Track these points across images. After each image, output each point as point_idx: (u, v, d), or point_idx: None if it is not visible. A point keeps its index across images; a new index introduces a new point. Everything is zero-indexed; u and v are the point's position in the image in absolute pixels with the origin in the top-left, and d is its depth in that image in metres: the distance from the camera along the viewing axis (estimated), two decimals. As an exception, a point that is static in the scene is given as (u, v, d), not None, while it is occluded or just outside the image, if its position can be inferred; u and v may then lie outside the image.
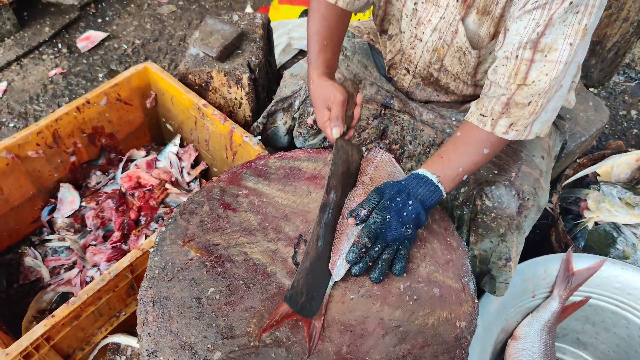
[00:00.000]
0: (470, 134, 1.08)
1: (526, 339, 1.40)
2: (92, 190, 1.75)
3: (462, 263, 1.09)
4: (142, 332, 0.97)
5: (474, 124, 1.07)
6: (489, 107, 1.05)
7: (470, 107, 1.11)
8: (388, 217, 0.98)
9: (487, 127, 1.05)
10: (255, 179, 1.19)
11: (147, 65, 1.67)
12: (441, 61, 1.21)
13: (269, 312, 0.97)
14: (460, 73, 1.21)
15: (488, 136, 1.06)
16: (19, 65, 2.38)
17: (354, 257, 0.97)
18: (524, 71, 0.99)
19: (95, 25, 2.61)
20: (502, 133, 1.05)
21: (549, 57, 0.97)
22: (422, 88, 1.34)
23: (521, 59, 0.98)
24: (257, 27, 1.79)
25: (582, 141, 1.82)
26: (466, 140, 1.08)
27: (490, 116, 1.05)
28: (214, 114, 1.56)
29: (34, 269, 1.61)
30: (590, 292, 1.44)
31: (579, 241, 1.63)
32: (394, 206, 0.99)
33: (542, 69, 0.98)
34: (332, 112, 1.13)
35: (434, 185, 1.02)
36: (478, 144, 1.07)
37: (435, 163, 1.06)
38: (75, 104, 1.56)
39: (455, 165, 1.05)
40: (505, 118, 1.04)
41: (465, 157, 1.06)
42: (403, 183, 1.02)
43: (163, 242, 1.06)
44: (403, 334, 0.97)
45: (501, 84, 1.02)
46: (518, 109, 1.02)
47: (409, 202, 1.00)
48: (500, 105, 1.03)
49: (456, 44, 1.16)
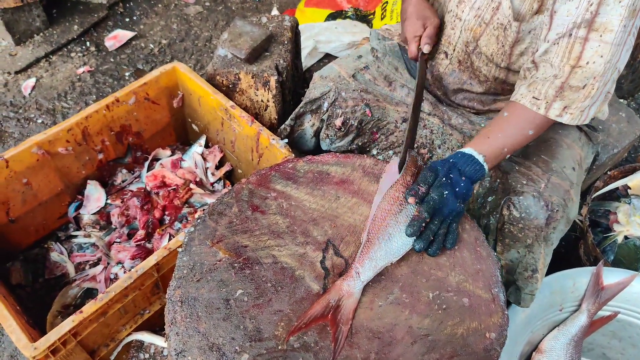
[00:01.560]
0: (519, 115, 1.09)
1: (552, 352, 1.37)
2: (117, 188, 1.77)
3: (492, 273, 1.07)
4: (171, 331, 0.97)
5: (525, 106, 1.08)
6: (542, 90, 1.05)
7: (519, 88, 1.11)
8: (445, 193, 0.99)
9: (540, 110, 1.06)
10: (283, 182, 1.19)
11: (176, 65, 1.69)
12: (476, 42, 1.21)
13: (297, 315, 0.97)
14: (495, 54, 1.20)
15: (535, 118, 1.08)
16: (47, 62, 2.43)
17: (414, 231, 0.98)
18: (578, 50, 0.99)
19: (123, 24, 2.65)
20: (556, 116, 1.06)
21: (604, 37, 0.97)
22: (457, 75, 1.33)
23: (575, 38, 0.98)
24: (286, 29, 1.79)
25: (614, 153, 1.78)
26: (513, 122, 1.09)
27: (544, 99, 1.05)
28: (241, 116, 1.56)
29: (60, 264, 1.63)
30: (619, 307, 1.40)
31: (608, 255, 1.60)
32: (449, 182, 1.00)
33: (597, 49, 0.97)
34: (427, 30, 1.24)
35: (479, 164, 1.04)
36: (524, 125, 1.09)
37: (481, 142, 1.07)
38: (105, 102, 1.58)
39: (500, 146, 1.07)
40: (559, 101, 1.04)
41: (510, 138, 1.08)
42: (451, 161, 1.04)
43: (192, 242, 1.07)
44: (432, 343, 0.96)
45: (554, 64, 1.02)
46: (572, 92, 1.02)
47: (462, 178, 1.02)
48: (554, 88, 1.04)
49: (496, 20, 1.15)
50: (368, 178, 1.21)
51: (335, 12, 2.56)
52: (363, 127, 1.43)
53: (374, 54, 1.44)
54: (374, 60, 1.44)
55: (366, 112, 1.39)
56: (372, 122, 1.42)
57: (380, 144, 1.47)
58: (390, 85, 1.41)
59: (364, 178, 1.21)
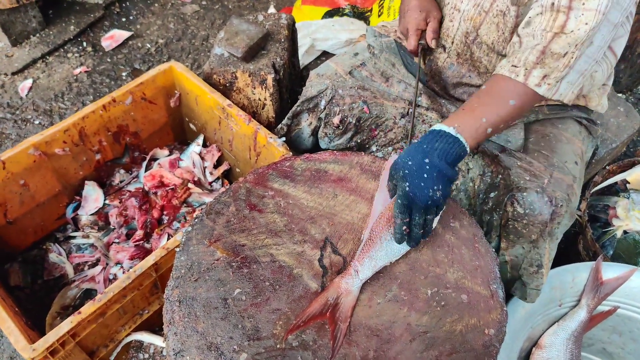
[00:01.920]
0: (497, 84, 1.04)
1: (552, 348, 1.37)
2: (115, 188, 1.77)
3: (491, 269, 1.07)
4: (169, 331, 0.97)
5: (504, 75, 1.04)
6: (522, 58, 1.02)
7: (500, 62, 1.09)
8: (407, 186, 0.94)
9: (519, 78, 1.02)
10: (281, 180, 1.18)
11: (173, 65, 1.68)
12: (476, 31, 1.21)
13: (295, 314, 0.97)
14: (496, 42, 1.19)
15: (516, 86, 1.03)
16: (44, 63, 2.42)
17: (400, 237, 0.98)
18: (562, 20, 0.97)
19: (119, 24, 2.64)
20: (535, 85, 1.02)
21: (587, 4, 0.95)
22: (456, 68, 1.32)
23: (558, 7, 0.96)
24: (283, 27, 1.78)
25: (612, 147, 1.77)
26: (491, 91, 1.04)
27: (523, 66, 1.02)
28: (238, 115, 1.56)
29: (58, 265, 1.63)
30: (619, 301, 1.40)
31: (607, 250, 1.59)
32: (408, 172, 0.94)
33: (581, 17, 0.96)
34: (430, 25, 1.23)
35: (451, 137, 0.96)
36: (504, 94, 1.03)
37: (454, 115, 1.01)
38: (102, 103, 1.58)
39: (478, 116, 1.00)
40: (540, 68, 1.01)
41: (489, 107, 1.01)
42: (416, 143, 0.97)
43: (189, 241, 1.07)
44: (431, 340, 0.95)
45: (536, 34, 1.00)
46: (553, 60, 1.00)
47: (424, 161, 0.94)
48: (535, 54, 1.00)
49: (496, 8, 1.14)
50: (366, 175, 1.20)
51: (333, 9, 2.55)
52: (361, 124, 1.42)
53: (371, 51, 1.44)
54: (371, 56, 1.43)
55: (364, 109, 1.39)
56: (370, 119, 1.41)
57: (379, 140, 1.47)
58: (387, 81, 1.41)
59: (361, 175, 1.20)
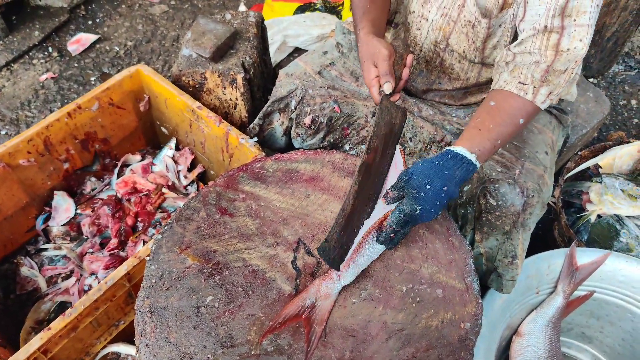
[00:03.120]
0: (507, 102, 1.04)
1: (531, 335, 1.38)
2: (87, 197, 1.72)
3: (465, 262, 1.07)
4: (140, 343, 0.95)
5: (512, 92, 1.04)
6: (528, 75, 1.03)
7: (500, 76, 1.07)
8: (418, 209, 0.93)
9: (528, 96, 1.03)
10: (252, 182, 1.16)
11: (139, 68, 1.64)
12: (447, 40, 1.19)
13: (269, 319, 0.95)
14: (467, 50, 1.18)
15: (525, 105, 1.03)
16: (9, 71, 2.35)
17: (384, 239, 0.98)
18: (556, 38, 0.98)
19: (85, 27, 2.57)
20: (541, 102, 1.03)
21: (579, 21, 0.96)
22: (425, 75, 1.31)
23: (551, 28, 0.97)
24: (251, 25, 1.75)
25: (583, 133, 1.79)
26: (502, 109, 1.03)
27: (531, 84, 1.03)
28: (208, 116, 1.53)
29: (31, 279, 1.58)
30: (595, 286, 1.42)
31: (582, 235, 1.61)
32: (424, 196, 0.93)
33: (574, 34, 0.97)
34: (379, 68, 1.09)
35: (472, 165, 0.97)
36: (515, 113, 1.03)
37: (473, 137, 1.00)
38: (66, 110, 1.53)
39: (494, 138, 1.00)
40: (546, 86, 1.02)
41: (502, 127, 1.02)
42: (437, 164, 0.95)
43: (159, 250, 1.04)
44: (407, 338, 0.95)
45: (533, 51, 1.01)
46: (555, 77, 1.01)
47: (443, 189, 0.93)
48: (539, 72, 1.01)
49: (463, 18, 1.13)
50: (338, 174, 1.19)
51: (304, 4, 2.53)
52: (333, 124, 1.41)
53: (340, 49, 1.42)
54: (340, 55, 1.41)
55: (335, 108, 1.37)
56: (342, 118, 1.40)
57: (352, 139, 1.45)
58: (357, 80, 1.39)
59: (334, 174, 1.19)
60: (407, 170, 0.97)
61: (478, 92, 1.32)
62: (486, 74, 1.24)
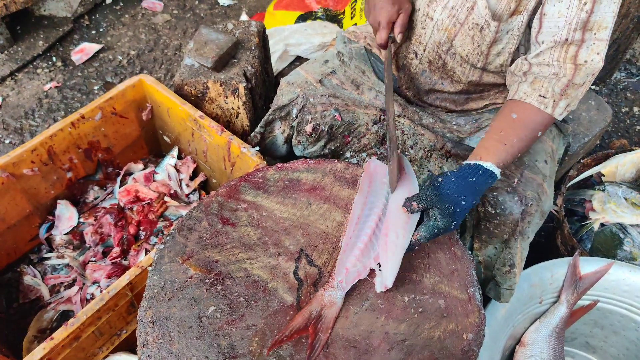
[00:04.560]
0: (529, 116, 1.06)
1: (534, 345, 1.38)
2: (90, 205, 1.73)
3: (468, 273, 1.06)
4: (143, 354, 0.95)
5: (533, 105, 1.06)
6: (549, 89, 1.04)
7: (520, 86, 1.08)
8: (453, 224, 0.97)
9: (548, 109, 1.05)
10: (254, 192, 1.17)
11: (142, 78, 1.65)
12: (451, 42, 1.20)
13: (271, 329, 0.95)
14: (470, 54, 1.19)
15: (544, 118, 1.06)
16: (13, 80, 2.37)
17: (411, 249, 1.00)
18: (574, 51, 1.00)
19: (89, 37, 2.59)
20: (559, 115, 1.06)
21: (599, 35, 0.98)
22: (428, 75, 1.31)
23: (571, 41, 0.99)
24: (253, 35, 1.77)
25: (585, 141, 1.79)
26: (525, 124, 1.06)
27: (551, 98, 1.04)
28: (210, 126, 1.54)
29: (34, 288, 1.59)
30: (599, 295, 1.41)
31: (585, 243, 1.61)
32: (459, 211, 0.97)
33: (592, 47, 0.99)
34: (400, 19, 1.18)
35: (496, 179, 1.02)
36: (536, 128, 1.06)
37: (500, 152, 1.03)
38: (70, 120, 1.54)
39: (516, 152, 1.05)
40: (564, 99, 1.04)
41: (524, 142, 1.05)
42: (471, 181, 0.99)
43: (162, 260, 1.04)
44: (409, 349, 0.95)
45: (551, 63, 1.02)
46: (574, 90, 1.03)
47: (472, 203, 0.99)
48: (560, 86, 1.03)
49: (472, 21, 1.14)
50: (339, 183, 1.19)
51: (305, 13, 2.54)
52: (334, 132, 1.41)
53: (340, 58, 1.43)
54: (340, 64, 1.42)
55: (336, 116, 1.38)
56: (342, 126, 1.40)
57: (353, 147, 1.46)
58: (358, 88, 1.40)
59: (335, 183, 1.19)
60: (438, 186, 0.99)
61: (480, 98, 1.32)
62: (487, 79, 1.24)
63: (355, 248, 1.01)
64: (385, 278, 0.98)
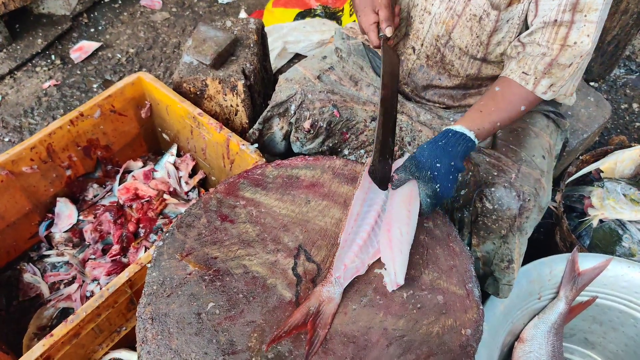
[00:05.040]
0: (510, 90, 1.10)
1: (533, 341, 1.38)
2: (89, 203, 1.73)
3: (466, 269, 1.06)
4: (142, 350, 0.95)
5: (515, 81, 1.09)
6: (532, 66, 1.07)
7: (509, 64, 1.12)
8: (437, 187, 1.00)
9: (529, 86, 1.08)
10: (252, 189, 1.17)
11: (141, 75, 1.65)
12: (449, 35, 1.21)
13: (270, 325, 0.95)
14: (470, 45, 1.20)
15: (526, 94, 1.09)
16: (12, 79, 2.37)
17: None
18: (564, 32, 1.02)
19: (88, 35, 2.59)
20: (542, 93, 1.09)
21: (589, 17, 0.99)
22: (425, 70, 1.32)
23: (560, 22, 1.01)
24: (251, 32, 1.76)
25: (584, 138, 1.79)
26: (506, 97, 1.10)
27: (533, 75, 1.07)
28: (209, 123, 1.54)
29: (34, 285, 1.59)
30: (597, 291, 1.41)
31: (584, 239, 1.61)
32: (437, 175, 1.00)
33: (583, 29, 1.00)
34: (381, 14, 1.19)
35: (471, 141, 1.04)
36: (517, 101, 1.10)
37: (474, 118, 1.07)
38: (69, 117, 1.54)
39: (494, 120, 1.07)
40: (547, 79, 1.07)
41: (504, 113, 1.09)
42: (441, 144, 1.02)
43: (161, 256, 1.05)
44: (407, 344, 0.95)
45: (541, 43, 1.05)
46: (559, 70, 1.05)
47: (451, 164, 1.01)
48: (543, 65, 1.06)
49: (469, 12, 1.15)
50: (338, 179, 1.19)
51: (304, 10, 2.54)
52: (332, 128, 1.41)
53: (339, 54, 1.43)
54: (339, 60, 1.42)
55: (334, 112, 1.38)
56: (341, 122, 1.40)
57: (351, 143, 1.46)
58: (357, 85, 1.40)
59: (334, 180, 1.19)
60: (414, 155, 1.03)
61: (477, 93, 1.32)
62: (486, 71, 1.24)
63: (354, 244, 1.01)
64: (397, 276, 0.99)
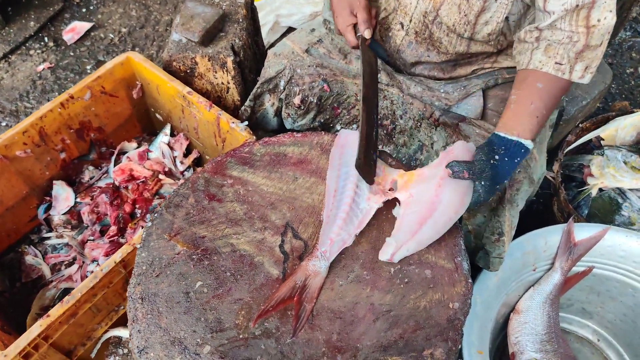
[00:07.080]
0: (552, 85, 1.07)
1: (528, 312, 1.38)
2: (85, 185, 1.74)
3: (455, 242, 1.06)
4: (132, 329, 0.97)
5: (551, 73, 1.06)
6: (564, 55, 1.03)
7: (534, 55, 1.07)
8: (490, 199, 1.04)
9: (565, 75, 1.05)
10: (240, 167, 1.16)
11: (130, 55, 1.63)
12: (436, 11, 1.17)
13: (257, 303, 0.96)
14: (457, 23, 1.16)
15: (566, 83, 1.07)
16: (7, 63, 2.36)
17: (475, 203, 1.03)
18: (585, 13, 0.99)
19: (79, 15, 2.56)
20: (579, 78, 1.05)
21: None
22: (414, 47, 1.28)
23: (582, 5, 0.98)
24: (240, 7, 1.72)
25: (583, 105, 1.74)
26: (551, 93, 1.07)
27: (567, 63, 1.04)
28: (199, 102, 1.52)
29: (35, 267, 1.62)
30: (594, 261, 1.40)
31: (582, 209, 1.58)
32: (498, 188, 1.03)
33: (604, 5, 0.97)
34: (359, 16, 1.20)
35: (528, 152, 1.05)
36: (559, 94, 1.08)
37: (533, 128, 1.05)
38: (59, 100, 1.54)
39: (544, 122, 1.07)
40: (580, 62, 1.03)
41: (551, 109, 1.08)
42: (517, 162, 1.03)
43: (150, 237, 1.05)
44: (394, 319, 0.95)
45: (564, 28, 1.01)
46: (591, 51, 1.02)
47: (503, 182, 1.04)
48: (575, 51, 1.03)
49: None
50: (326, 156, 1.18)
51: (298, -18, 2.47)
52: (323, 103, 1.39)
53: (327, 26, 1.39)
54: (327, 32, 1.38)
55: (324, 87, 1.35)
56: (331, 97, 1.38)
57: (343, 118, 1.44)
58: (346, 57, 1.36)
59: (322, 156, 1.18)
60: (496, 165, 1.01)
61: (467, 64, 1.28)
62: (475, 48, 1.20)
63: (337, 218, 1.00)
64: (395, 256, 0.99)
